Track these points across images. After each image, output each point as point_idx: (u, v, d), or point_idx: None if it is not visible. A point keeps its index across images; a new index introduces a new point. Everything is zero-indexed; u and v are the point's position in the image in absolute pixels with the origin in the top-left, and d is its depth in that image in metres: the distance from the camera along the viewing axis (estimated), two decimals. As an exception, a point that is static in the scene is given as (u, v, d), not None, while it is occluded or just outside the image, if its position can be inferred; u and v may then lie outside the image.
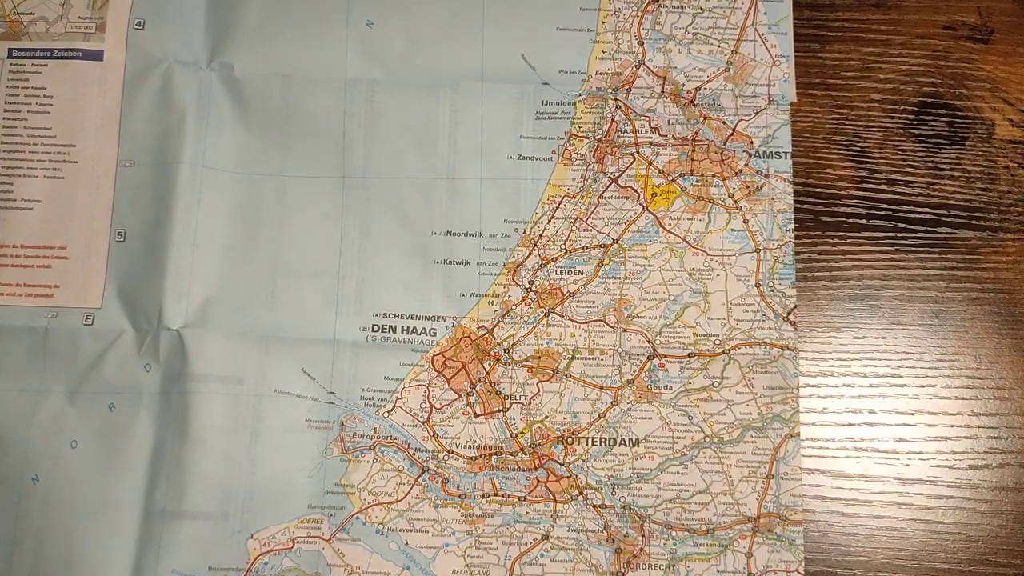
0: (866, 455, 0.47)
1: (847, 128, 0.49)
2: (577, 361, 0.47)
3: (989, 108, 0.49)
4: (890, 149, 0.49)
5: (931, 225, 0.49)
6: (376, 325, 0.48)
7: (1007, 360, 0.47)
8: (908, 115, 0.49)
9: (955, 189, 0.49)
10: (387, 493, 0.46)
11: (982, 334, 0.48)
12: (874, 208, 0.49)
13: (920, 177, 0.49)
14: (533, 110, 0.49)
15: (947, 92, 0.50)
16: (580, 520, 0.46)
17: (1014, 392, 0.47)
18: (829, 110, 0.50)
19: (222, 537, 0.46)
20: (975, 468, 0.47)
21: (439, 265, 0.48)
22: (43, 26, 0.50)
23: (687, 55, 0.49)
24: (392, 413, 0.47)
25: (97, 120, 0.49)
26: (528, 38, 0.50)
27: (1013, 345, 0.47)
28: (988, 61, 0.50)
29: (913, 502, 0.46)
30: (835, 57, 0.50)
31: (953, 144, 0.49)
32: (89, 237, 0.49)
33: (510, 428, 0.47)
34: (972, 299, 0.48)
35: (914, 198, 0.49)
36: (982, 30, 0.49)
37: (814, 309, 0.48)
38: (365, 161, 0.48)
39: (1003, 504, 0.46)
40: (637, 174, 0.48)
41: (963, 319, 0.48)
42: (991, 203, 0.49)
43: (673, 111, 0.49)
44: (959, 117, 0.49)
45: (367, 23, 0.49)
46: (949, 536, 0.46)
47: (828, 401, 0.47)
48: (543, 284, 0.48)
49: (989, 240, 0.48)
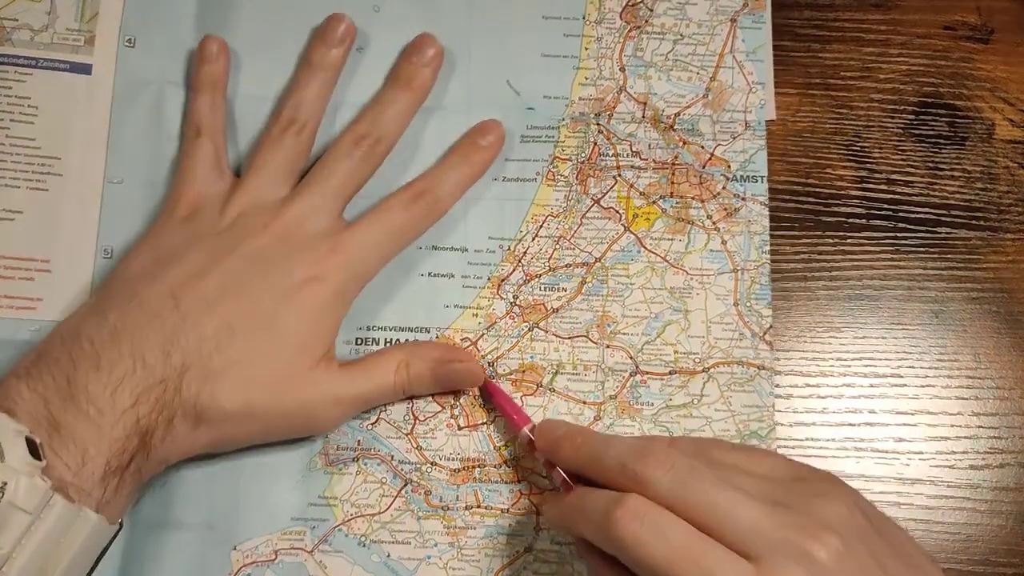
0: (866, 455, 0.48)
1: (847, 128, 0.51)
2: (561, 376, 0.48)
3: (989, 108, 0.51)
4: (890, 149, 0.51)
5: (931, 225, 0.50)
6: (360, 338, 0.48)
7: (1007, 360, 0.48)
8: (908, 115, 0.51)
9: (955, 189, 0.50)
10: (370, 505, 0.46)
11: (982, 334, 0.49)
12: (874, 208, 0.50)
13: (920, 177, 0.50)
14: (518, 134, 0.50)
15: (947, 92, 0.51)
16: (562, 533, 0.46)
17: (1014, 392, 0.48)
18: (829, 110, 0.51)
19: (206, 548, 0.45)
20: (975, 468, 0.47)
21: (424, 278, 0.49)
22: (28, 34, 0.50)
23: (667, 82, 0.50)
24: (376, 425, 0.47)
25: (84, 135, 0.49)
26: (513, 64, 0.51)
27: (1013, 345, 0.48)
28: (988, 61, 0.51)
29: (913, 502, 0.47)
30: (835, 57, 0.51)
31: (953, 144, 0.50)
32: (74, 252, 0.48)
33: (493, 441, 0.47)
34: (972, 299, 0.49)
35: (914, 198, 0.50)
36: (982, 30, 0.51)
37: (814, 309, 0.49)
38: (353, 180, 0.49)
39: (1003, 504, 0.47)
40: (619, 196, 0.49)
41: (963, 319, 0.49)
42: (991, 203, 0.50)
43: (653, 136, 0.50)
44: (959, 117, 0.51)
45: (357, 48, 0.51)
46: (949, 536, 0.47)
47: (828, 401, 0.48)
48: (527, 299, 0.48)
49: (989, 240, 0.50)
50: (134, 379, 0.41)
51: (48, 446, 0.39)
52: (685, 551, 0.35)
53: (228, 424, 0.43)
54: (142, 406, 0.40)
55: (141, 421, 0.40)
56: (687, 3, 0.51)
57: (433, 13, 0.51)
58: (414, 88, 0.49)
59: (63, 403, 0.40)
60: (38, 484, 0.37)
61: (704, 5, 0.51)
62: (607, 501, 0.37)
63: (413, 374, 0.46)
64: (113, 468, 0.40)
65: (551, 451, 0.43)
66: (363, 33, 0.51)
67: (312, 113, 0.48)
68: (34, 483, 0.37)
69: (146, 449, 0.41)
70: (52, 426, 0.39)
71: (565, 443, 0.43)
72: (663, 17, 0.51)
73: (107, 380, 0.40)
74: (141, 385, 0.41)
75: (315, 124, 0.48)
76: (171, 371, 0.41)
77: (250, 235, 0.45)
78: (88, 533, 0.39)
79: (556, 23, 0.51)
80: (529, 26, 0.51)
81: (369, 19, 0.51)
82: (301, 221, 0.45)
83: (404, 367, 0.45)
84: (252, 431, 0.44)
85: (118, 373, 0.40)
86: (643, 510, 0.36)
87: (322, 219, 0.46)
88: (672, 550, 0.35)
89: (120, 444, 0.40)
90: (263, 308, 0.43)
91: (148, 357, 0.41)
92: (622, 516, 0.36)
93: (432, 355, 0.46)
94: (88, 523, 0.39)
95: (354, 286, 0.46)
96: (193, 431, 0.42)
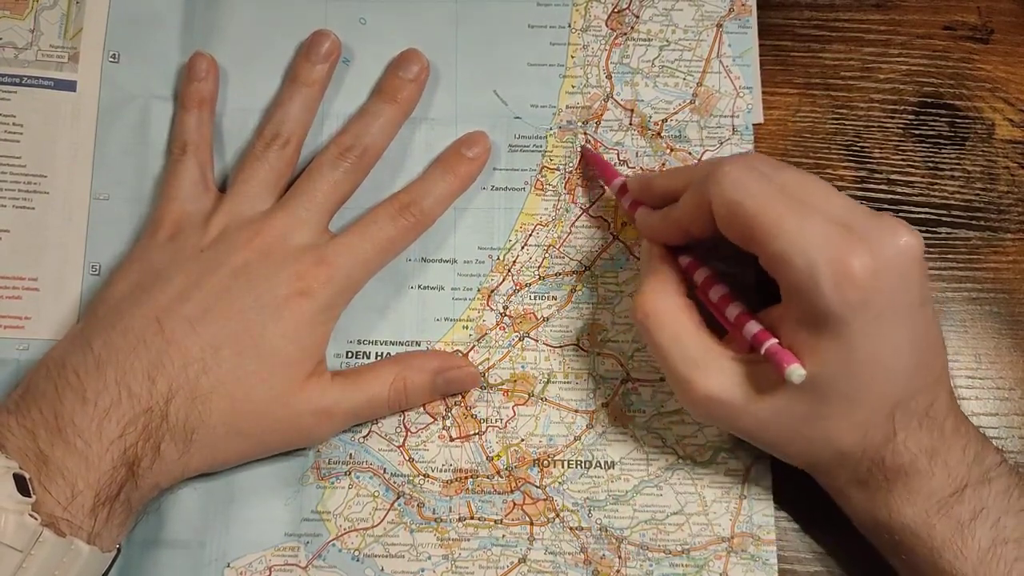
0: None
1: (847, 128, 0.51)
2: (552, 384, 0.48)
3: (989, 108, 0.51)
4: (890, 149, 0.50)
5: (931, 225, 0.50)
6: (351, 352, 0.48)
7: (1007, 360, 0.48)
8: (908, 115, 0.51)
9: (955, 189, 0.50)
10: (363, 519, 0.46)
11: (982, 334, 0.49)
12: (874, 208, 0.49)
13: (920, 177, 0.50)
14: (506, 143, 0.50)
15: (947, 92, 0.51)
16: (557, 543, 0.46)
17: (1014, 392, 0.48)
18: (829, 110, 0.51)
19: (199, 566, 0.45)
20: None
21: (413, 290, 0.49)
22: (12, 52, 0.50)
23: (654, 88, 0.50)
24: (367, 438, 0.47)
25: (70, 151, 0.49)
26: (500, 74, 0.51)
27: (1013, 345, 0.48)
28: (988, 61, 0.51)
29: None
30: (835, 57, 0.51)
31: (953, 144, 0.50)
32: (62, 269, 0.48)
33: (486, 451, 0.47)
34: (972, 299, 0.49)
35: (914, 198, 0.50)
36: (982, 30, 0.51)
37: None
38: (342, 192, 0.49)
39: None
40: (608, 204, 0.49)
41: (963, 319, 0.49)
42: (991, 203, 0.50)
43: (641, 143, 0.50)
44: (959, 117, 0.51)
45: (344, 60, 0.50)
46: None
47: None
48: (517, 309, 0.48)
49: (989, 240, 0.49)
50: (120, 409, 0.40)
51: (37, 480, 0.39)
52: (786, 205, 0.38)
53: (219, 445, 0.42)
54: (129, 436, 0.40)
55: (128, 451, 0.40)
56: (673, 9, 0.51)
57: (419, 24, 0.51)
58: (400, 101, 0.49)
59: (51, 437, 0.40)
60: (27, 521, 0.37)
61: (690, 11, 0.51)
62: (709, 165, 0.41)
63: (411, 387, 0.45)
64: (103, 499, 0.39)
65: (645, 188, 0.46)
66: (349, 45, 0.50)
67: (296, 128, 0.48)
68: (23, 520, 0.37)
69: (134, 478, 0.41)
70: (41, 460, 0.39)
71: (659, 175, 0.46)
72: (649, 24, 0.51)
73: (93, 412, 0.40)
74: (127, 415, 0.41)
75: (299, 139, 0.48)
76: (157, 398, 0.41)
77: (233, 251, 0.44)
78: (81, 565, 0.39)
79: (542, 32, 0.51)
80: (515, 35, 0.51)
81: (355, 31, 0.51)
82: (285, 235, 0.45)
83: (401, 381, 0.45)
84: (243, 450, 0.44)
85: (104, 404, 0.40)
86: (752, 163, 0.39)
87: (306, 232, 0.46)
88: (771, 199, 0.38)
89: (108, 475, 0.40)
90: (249, 325, 0.43)
91: (133, 386, 0.41)
92: (730, 164, 0.39)
93: (428, 366, 0.46)
94: (80, 555, 0.38)
95: (341, 299, 0.45)
96: (183, 455, 0.42)
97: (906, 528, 0.40)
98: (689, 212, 0.41)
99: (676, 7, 0.51)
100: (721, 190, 0.39)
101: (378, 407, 0.46)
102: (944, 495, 0.39)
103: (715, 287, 0.43)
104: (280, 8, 0.51)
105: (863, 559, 0.44)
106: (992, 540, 0.39)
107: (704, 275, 0.43)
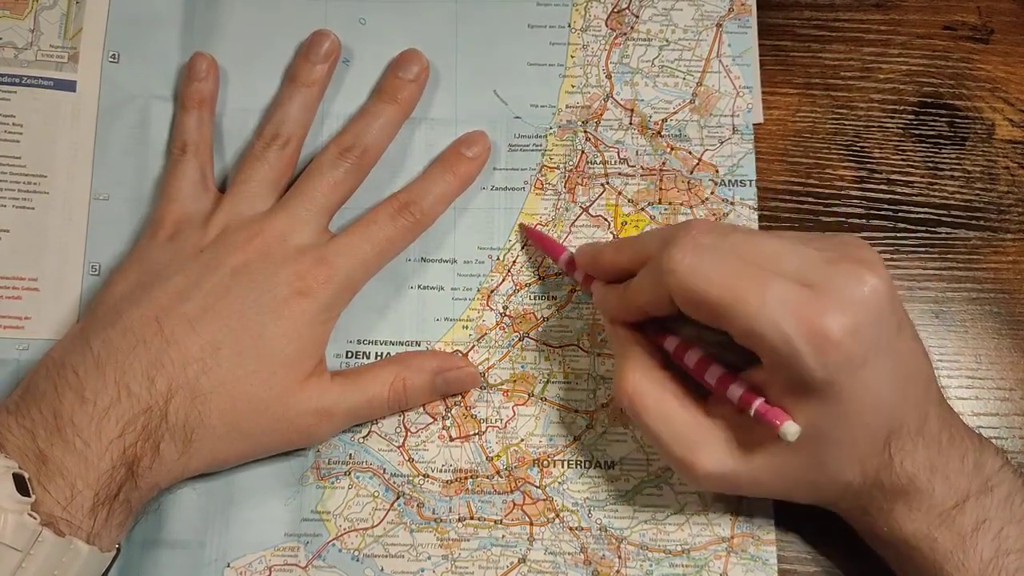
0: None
1: (847, 128, 0.51)
2: (552, 384, 0.47)
3: (989, 108, 0.51)
4: (890, 149, 0.50)
5: (931, 225, 0.50)
6: (351, 352, 0.48)
7: (1007, 360, 0.48)
8: (908, 115, 0.51)
9: (955, 189, 0.50)
10: (363, 519, 0.46)
11: (982, 334, 0.48)
12: (874, 208, 0.50)
13: (920, 177, 0.50)
14: (506, 143, 0.50)
15: (947, 92, 0.51)
16: (557, 543, 0.46)
17: (1014, 392, 0.48)
18: (829, 110, 0.51)
19: (199, 566, 0.45)
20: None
21: (413, 290, 0.49)
22: (12, 52, 0.50)
23: (654, 88, 0.50)
24: (367, 438, 0.47)
25: (70, 151, 0.49)
26: (499, 74, 0.51)
27: (1013, 345, 0.48)
28: (988, 61, 0.51)
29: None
30: (835, 57, 0.51)
31: (953, 144, 0.50)
32: (62, 269, 0.48)
33: (486, 451, 0.47)
34: (972, 299, 0.49)
35: (914, 198, 0.50)
36: (982, 30, 0.51)
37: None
38: (342, 192, 0.49)
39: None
40: (607, 203, 0.49)
41: (963, 319, 0.49)
42: (991, 203, 0.50)
43: (641, 142, 0.50)
44: (959, 117, 0.51)
45: (344, 60, 0.50)
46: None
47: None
48: (517, 309, 0.48)
49: (989, 240, 0.49)
50: (119, 409, 0.40)
51: (37, 480, 0.39)
52: (743, 277, 0.36)
53: (218, 445, 0.42)
54: (128, 435, 0.40)
55: (127, 451, 0.40)
56: (672, 9, 0.51)
57: (419, 24, 0.51)
58: (400, 101, 0.49)
59: (50, 436, 0.40)
60: (26, 521, 0.37)
61: (689, 11, 0.51)
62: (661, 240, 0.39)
63: (411, 387, 0.45)
64: (102, 499, 0.39)
65: (593, 263, 0.45)
66: (349, 46, 0.50)
67: (296, 128, 0.48)
68: (22, 520, 0.37)
69: (134, 478, 0.41)
70: (40, 460, 0.39)
71: (606, 249, 0.44)
72: (648, 23, 0.51)
73: (92, 411, 0.40)
74: (127, 414, 0.40)
75: (299, 139, 0.48)
76: (156, 398, 0.41)
77: (233, 251, 0.44)
78: (81, 565, 0.39)
79: (542, 32, 0.51)
80: (515, 35, 0.51)
81: (355, 31, 0.51)
82: (285, 235, 0.45)
83: (400, 381, 0.45)
84: (243, 450, 0.44)
85: (103, 403, 0.40)
86: (700, 240, 0.38)
87: (306, 232, 0.46)
88: (728, 277, 0.36)
89: (107, 475, 0.40)
90: (248, 325, 0.43)
91: (133, 385, 0.41)
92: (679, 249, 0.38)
93: (428, 366, 0.46)
94: (80, 555, 0.38)
95: (340, 299, 0.45)
96: (183, 455, 0.42)
97: (908, 543, 0.40)
98: (647, 299, 0.40)
99: (676, 7, 0.51)
100: (679, 281, 0.37)
101: (378, 407, 0.46)
102: (945, 508, 0.39)
103: (689, 352, 0.41)
104: (280, 8, 0.51)
105: (863, 559, 0.44)
106: (995, 551, 0.39)
107: (675, 343, 0.42)
